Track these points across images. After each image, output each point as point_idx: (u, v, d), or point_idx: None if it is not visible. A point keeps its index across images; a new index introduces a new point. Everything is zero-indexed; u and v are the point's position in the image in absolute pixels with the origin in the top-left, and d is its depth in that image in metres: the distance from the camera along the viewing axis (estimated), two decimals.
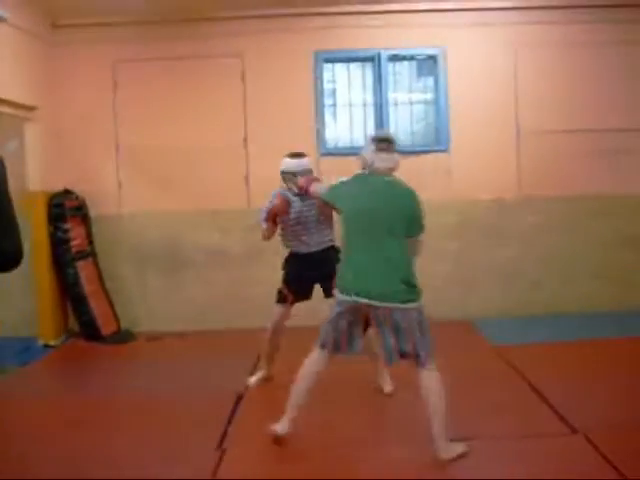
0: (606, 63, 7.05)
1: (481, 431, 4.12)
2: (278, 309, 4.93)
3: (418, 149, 7.07)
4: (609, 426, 4.04)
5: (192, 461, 3.75)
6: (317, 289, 4.88)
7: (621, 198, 7.09)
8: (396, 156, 3.89)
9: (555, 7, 6.97)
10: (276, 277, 5.15)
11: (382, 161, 3.83)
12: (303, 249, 4.86)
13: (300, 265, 4.88)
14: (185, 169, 7.03)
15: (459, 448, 3.68)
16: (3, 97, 5.94)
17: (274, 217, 4.68)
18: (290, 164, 4.76)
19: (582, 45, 7.01)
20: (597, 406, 4.39)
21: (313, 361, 3.87)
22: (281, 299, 4.91)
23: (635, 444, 3.73)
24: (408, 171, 5.31)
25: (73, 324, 7.00)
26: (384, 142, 3.87)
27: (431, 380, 3.65)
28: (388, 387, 4.79)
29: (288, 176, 4.76)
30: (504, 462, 3.67)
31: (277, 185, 4.89)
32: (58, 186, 6.86)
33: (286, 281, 4.93)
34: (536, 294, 7.09)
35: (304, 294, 4.92)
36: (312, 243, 4.84)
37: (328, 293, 4.48)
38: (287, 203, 4.67)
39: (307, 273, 4.83)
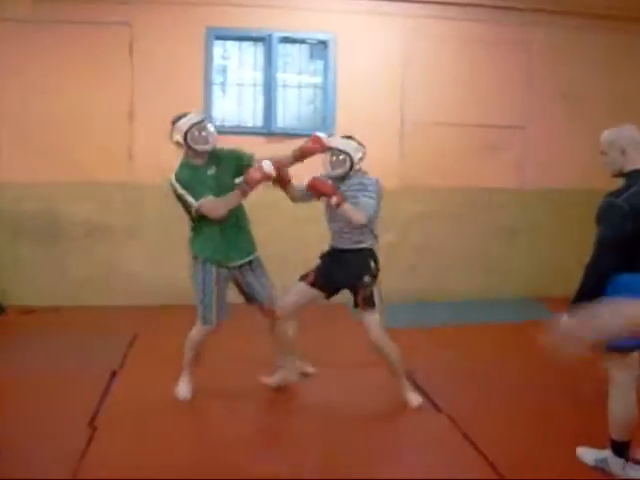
0: (493, 61, 7.37)
1: (344, 409, 4.26)
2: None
3: (303, 132, 7.11)
4: (471, 407, 4.29)
5: (62, 439, 3.68)
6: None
7: (497, 191, 7.45)
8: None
9: (450, 3, 7.18)
10: (156, 254, 5.09)
11: None
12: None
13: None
14: (67, 139, 6.79)
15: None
16: None
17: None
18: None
19: (473, 42, 7.29)
20: (460, 388, 4.65)
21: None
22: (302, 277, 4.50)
23: (494, 424, 3.99)
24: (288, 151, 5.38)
25: None
26: None
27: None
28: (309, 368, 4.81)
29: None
30: (370, 439, 3.82)
31: (161, 159, 4.80)
32: None
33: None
34: (410, 281, 7.33)
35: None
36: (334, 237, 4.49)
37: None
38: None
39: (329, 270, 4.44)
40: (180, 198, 4.16)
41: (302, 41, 7.24)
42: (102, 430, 3.80)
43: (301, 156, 4.34)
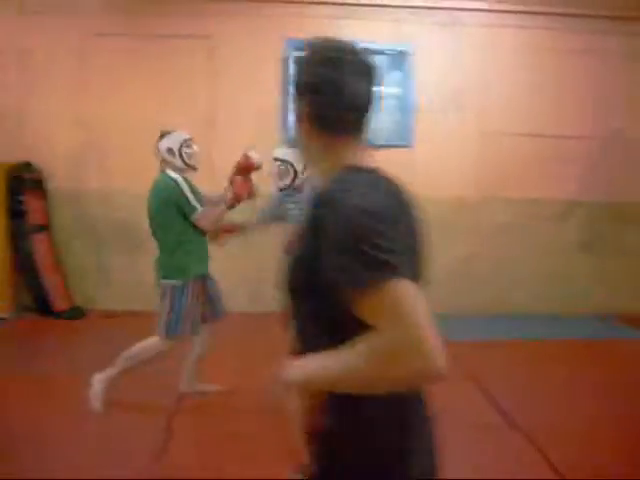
0: (567, 70, 7.22)
1: None
2: None
3: (382, 143, 7.13)
4: (548, 423, 4.17)
5: (141, 438, 3.77)
6: None
7: (576, 204, 7.27)
8: (157, 149, 4.36)
9: (524, 12, 7.09)
10: (242, 259, 5.15)
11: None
12: None
13: None
14: (148, 148, 6.93)
15: (95, 400, 4.11)
16: None
17: None
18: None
19: (547, 51, 7.16)
20: (540, 406, 4.53)
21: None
22: None
23: (574, 444, 3.87)
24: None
25: (26, 298, 6.93)
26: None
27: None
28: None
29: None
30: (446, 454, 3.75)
31: None
32: (18, 158, 6.77)
33: None
34: (489, 293, 7.23)
35: None
36: None
37: None
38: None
39: None
40: (179, 201, 4.14)
41: (381, 52, 7.25)
42: (178, 431, 3.87)
43: (238, 173, 4.24)
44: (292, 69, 7.03)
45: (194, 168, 4.38)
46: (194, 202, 4.14)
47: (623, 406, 4.51)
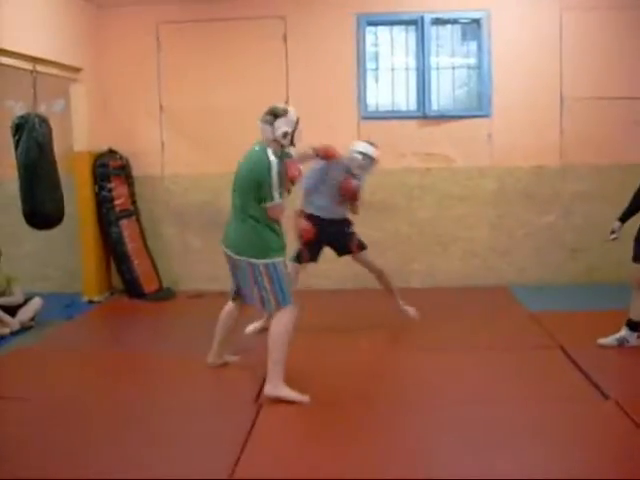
0: None
1: (514, 393, 4.20)
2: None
3: (459, 114, 7.04)
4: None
5: (232, 414, 3.89)
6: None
7: None
8: (267, 126, 4.16)
9: None
10: None
11: (261, 130, 4.21)
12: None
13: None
14: (226, 131, 7.09)
15: (291, 394, 3.97)
16: (48, 58, 6.06)
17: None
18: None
19: (629, 9, 6.87)
20: (629, 375, 4.43)
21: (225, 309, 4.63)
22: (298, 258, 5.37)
23: None
24: (449, 136, 5.36)
25: (117, 282, 7.20)
26: (265, 114, 4.19)
27: (275, 324, 4.10)
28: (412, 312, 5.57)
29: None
30: (534, 424, 3.73)
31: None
32: (103, 146, 7.01)
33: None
34: (574, 262, 7.08)
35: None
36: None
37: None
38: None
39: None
40: (265, 182, 4.05)
41: (454, 21, 7.13)
42: (267, 406, 3.96)
43: (319, 156, 4.82)
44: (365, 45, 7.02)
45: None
46: (276, 190, 4.06)
47: None
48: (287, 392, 3.99)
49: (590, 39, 6.93)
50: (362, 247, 5.49)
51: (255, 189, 4.08)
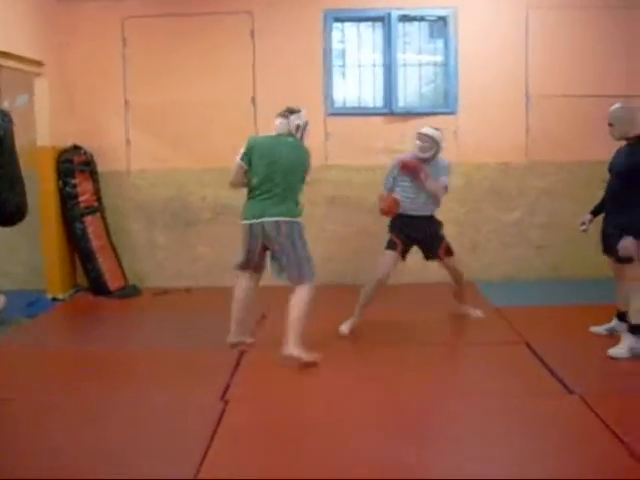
0: (619, 27, 6.99)
1: (478, 388, 4.23)
2: (389, 254, 5.34)
3: (425, 111, 7.06)
4: (604, 389, 4.14)
5: (196, 412, 3.85)
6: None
7: None
8: (284, 120, 4.74)
9: None
10: None
11: (278, 124, 4.77)
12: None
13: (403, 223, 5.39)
14: (193, 126, 7.05)
15: (308, 356, 4.50)
16: (11, 51, 5.94)
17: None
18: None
19: (595, 7, 6.95)
20: (592, 368, 4.49)
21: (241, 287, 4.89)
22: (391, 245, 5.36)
23: (629, 407, 3.83)
24: (415, 132, 5.39)
25: (82, 279, 7.10)
26: (283, 111, 4.78)
27: (298, 295, 4.61)
28: (474, 312, 5.69)
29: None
30: (500, 419, 3.76)
31: None
32: (67, 141, 6.90)
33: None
34: (539, 259, 7.16)
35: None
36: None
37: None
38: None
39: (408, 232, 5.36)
40: (306, 170, 4.80)
41: (421, 18, 7.15)
42: (234, 403, 3.94)
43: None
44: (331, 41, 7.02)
45: None
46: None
47: None
48: (305, 355, 4.50)
49: (556, 37, 7.00)
50: (450, 253, 5.45)
51: (304, 171, 4.78)
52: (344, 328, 5.24)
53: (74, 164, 6.81)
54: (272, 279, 4.81)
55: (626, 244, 4.48)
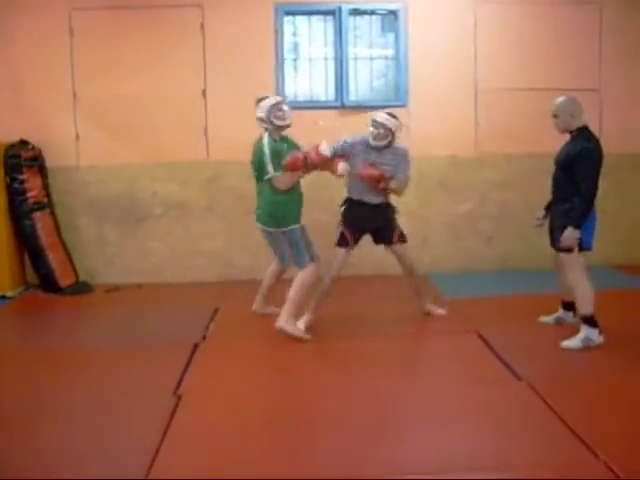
0: (565, 22, 7.13)
1: (429, 376, 4.29)
2: (340, 252, 5.32)
3: (376, 104, 7.09)
4: (551, 376, 4.23)
5: (147, 407, 3.83)
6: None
7: None
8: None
9: None
10: (235, 229, 5.18)
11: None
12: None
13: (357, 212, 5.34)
14: (144, 120, 6.97)
15: (295, 331, 4.94)
16: None
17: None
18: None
19: (543, 3, 7.08)
20: (540, 357, 4.59)
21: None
22: (342, 242, 5.31)
23: (575, 393, 3.92)
24: (365, 126, 5.41)
25: (32, 276, 6.98)
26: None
27: (299, 276, 5.02)
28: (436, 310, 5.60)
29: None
30: (450, 407, 3.82)
31: (236, 138, 4.95)
32: (14, 136, 6.76)
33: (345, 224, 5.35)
34: (489, 250, 7.26)
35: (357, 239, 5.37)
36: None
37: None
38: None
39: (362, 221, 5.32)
40: (262, 161, 4.98)
41: (372, 12, 7.19)
42: (186, 398, 3.92)
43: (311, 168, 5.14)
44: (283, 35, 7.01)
45: (284, 127, 5.14)
46: (269, 166, 4.95)
47: (627, 350, 4.58)
48: (293, 329, 4.95)
49: (504, 31, 7.10)
50: (403, 239, 5.37)
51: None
52: (300, 325, 5.15)
53: (22, 159, 6.68)
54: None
55: (567, 234, 4.58)
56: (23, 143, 6.78)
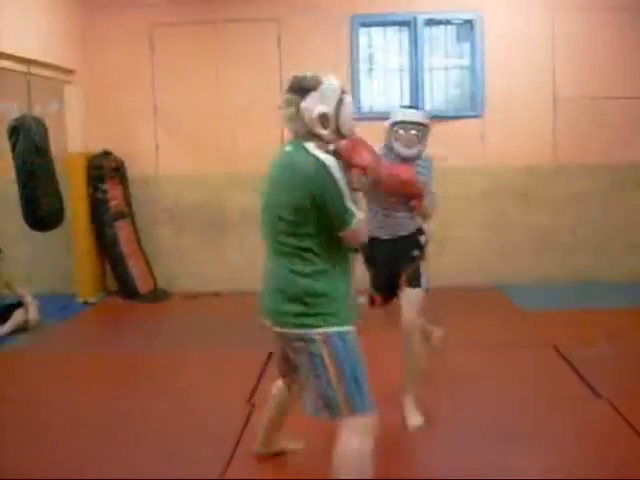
0: None
1: (505, 391, 4.22)
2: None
3: (452, 114, 7.06)
4: (633, 394, 4.11)
5: (222, 415, 3.90)
6: None
7: None
8: (293, 111, 2.70)
9: None
10: None
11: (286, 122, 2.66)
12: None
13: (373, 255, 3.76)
14: (221, 131, 7.12)
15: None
16: (42, 60, 6.07)
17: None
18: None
19: (621, 10, 6.90)
20: (622, 374, 4.45)
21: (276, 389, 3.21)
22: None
23: None
24: (442, 136, 5.38)
25: (112, 283, 7.20)
26: (286, 91, 2.77)
27: (346, 443, 2.58)
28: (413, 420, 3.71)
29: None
30: (528, 422, 3.75)
31: None
32: (97, 148, 7.02)
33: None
34: (567, 263, 7.10)
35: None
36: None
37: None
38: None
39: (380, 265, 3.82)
40: (323, 198, 2.55)
41: (447, 22, 7.16)
42: (260, 407, 3.97)
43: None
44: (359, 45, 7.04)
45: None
46: (348, 200, 2.58)
47: None
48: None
49: (582, 39, 6.95)
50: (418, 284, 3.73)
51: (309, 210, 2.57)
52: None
53: (104, 170, 6.92)
54: None
55: None
56: (106, 154, 7.02)
